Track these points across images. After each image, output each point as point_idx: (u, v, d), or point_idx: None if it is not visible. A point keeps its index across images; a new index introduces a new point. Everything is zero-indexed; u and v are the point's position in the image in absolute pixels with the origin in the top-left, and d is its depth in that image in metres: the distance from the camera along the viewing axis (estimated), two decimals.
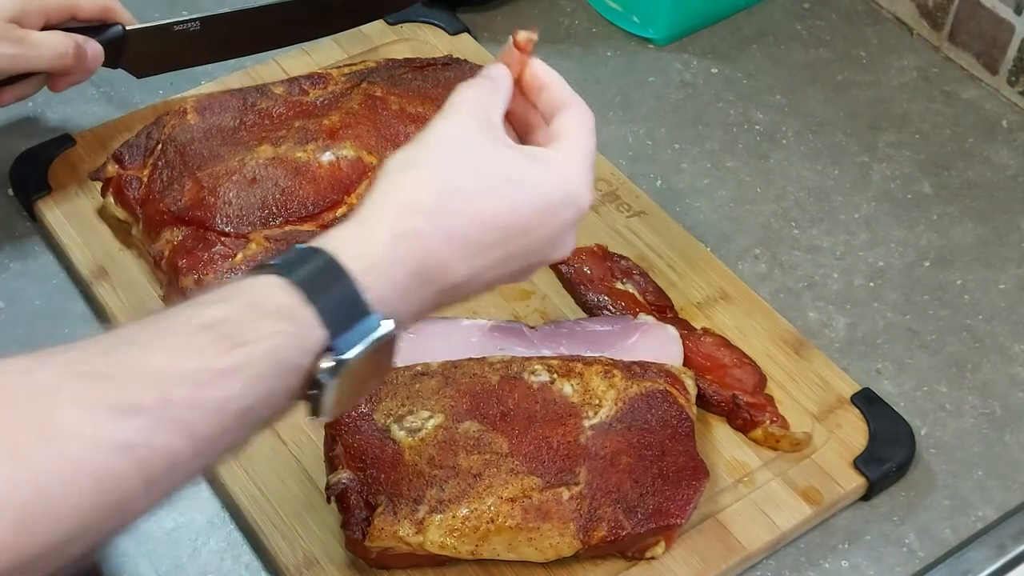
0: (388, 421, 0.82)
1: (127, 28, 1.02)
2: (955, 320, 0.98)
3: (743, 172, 1.09)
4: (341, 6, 1.11)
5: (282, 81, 1.03)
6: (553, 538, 0.78)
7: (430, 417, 0.82)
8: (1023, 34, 1.12)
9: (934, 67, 1.19)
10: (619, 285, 0.96)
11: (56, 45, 0.96)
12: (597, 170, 1.04)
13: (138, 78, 1.06)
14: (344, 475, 0.80)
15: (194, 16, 1.04)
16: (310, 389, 0.60)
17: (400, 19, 1.18)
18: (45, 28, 0.97)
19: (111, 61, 1.02)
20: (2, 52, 0.94)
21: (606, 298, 0.95)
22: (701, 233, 1.03)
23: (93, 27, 1.01)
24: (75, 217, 1.00)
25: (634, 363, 0.86)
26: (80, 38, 0.98)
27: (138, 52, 1.04)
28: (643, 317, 0.93)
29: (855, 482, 0.86)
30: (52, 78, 0.99)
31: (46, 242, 1.01)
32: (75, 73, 0.99)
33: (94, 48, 0.99)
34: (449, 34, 1.17)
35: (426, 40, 1.16)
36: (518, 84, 0.74)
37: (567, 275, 0.97)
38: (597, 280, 0.96)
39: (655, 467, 0.81)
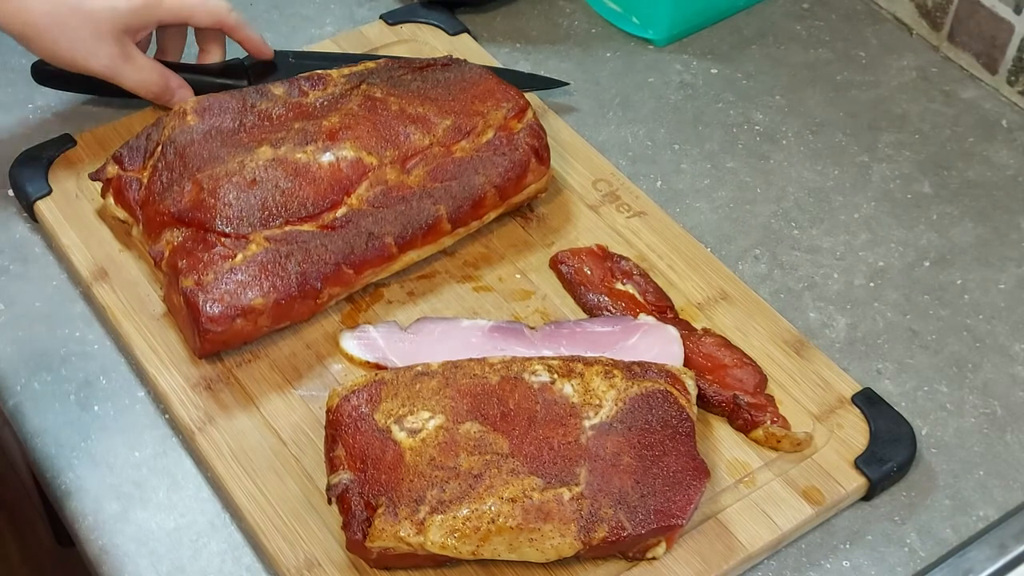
0: (389, 422, 0.82)
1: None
2: (955, 320, 0.98)
3: (743, 172, 1.09)
4: None
5: (281, 82, 1.02)
6: (554, 539, 0.78)
7: (431, 418, 0.82)
8: (1022, 34, 1.12)
9: (934, 67, 1.19)
10: (619, 286, 0.96)
11: (145, 81, 1.03)
12: (597, 170, 1.06)
13: None
14: (345, 476, 0.80)
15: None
16: None
17: (400, 20, 1.18)
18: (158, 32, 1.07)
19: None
20: (101, 60, 1.00)
21: (606, 298, 0.95)
22: (701, 233, 1.03)
23: (232, 68, 1.10)
24: (75, 218, 1.00)
25: (634, 363, 0.86)
26: (175, 81, 1.05)
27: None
28: (643, 317, 0.93)
29: (856, 482, 0.86)
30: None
31: (46, 243, 1.01)
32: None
33: (183, 95, 1.06)
34: (449, 35, 1.17)
35: (425, 41, 1.17)
36: None
37: (567, 275, 0.97)
38: (597, 281, 0.96)
39: (656, 467, 0.81)
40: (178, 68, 1.08)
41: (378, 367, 0.91)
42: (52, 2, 0.97)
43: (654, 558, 0.81)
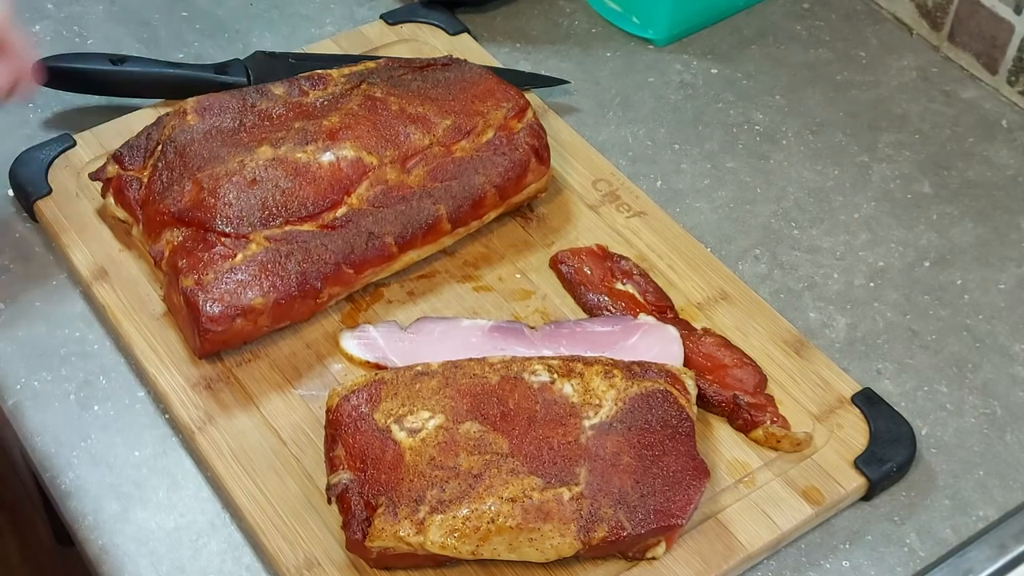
0: (388, 421, 0.82)
1: None
2: (955, 320, 0.98)
3: (743, 172, 1.09)
4: None
5: (282, 82, 1.02)
6: (554, 538, 0.78)
7: (431, 417, 0.82)
8: (1023, 34, 1.12)
9: (934, 67, 1.19)
10: (619, 285, 0.96)
11: None
12: (597, 170, 1.06)
13: None
14: (345, 476, 0.80)
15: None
16: None
17: (400, 19, 1.18)
18: None
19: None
20: None
21: (606, 298, 0.95)
22: (701, 233, 1.03)
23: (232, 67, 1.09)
24: (75, 218, 1.00)
25: (634, 363, 0.86)
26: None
27: None
28: (643, 317, 0.93)
29: (856, 482, 0.86)
30: None
31: (46, 243, 1.01)
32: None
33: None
34: (449, 34, 1.17)
35: (426, 41, 1.17)
36: None
37: (567, 275, 0.97)
38: (597, 280, 0.96)
39: (656, 467, 0.81)
40: (177, 68, 1.08)
41: (378, 367, 0.91)
42: None
43: (654, 558, 0.81)
